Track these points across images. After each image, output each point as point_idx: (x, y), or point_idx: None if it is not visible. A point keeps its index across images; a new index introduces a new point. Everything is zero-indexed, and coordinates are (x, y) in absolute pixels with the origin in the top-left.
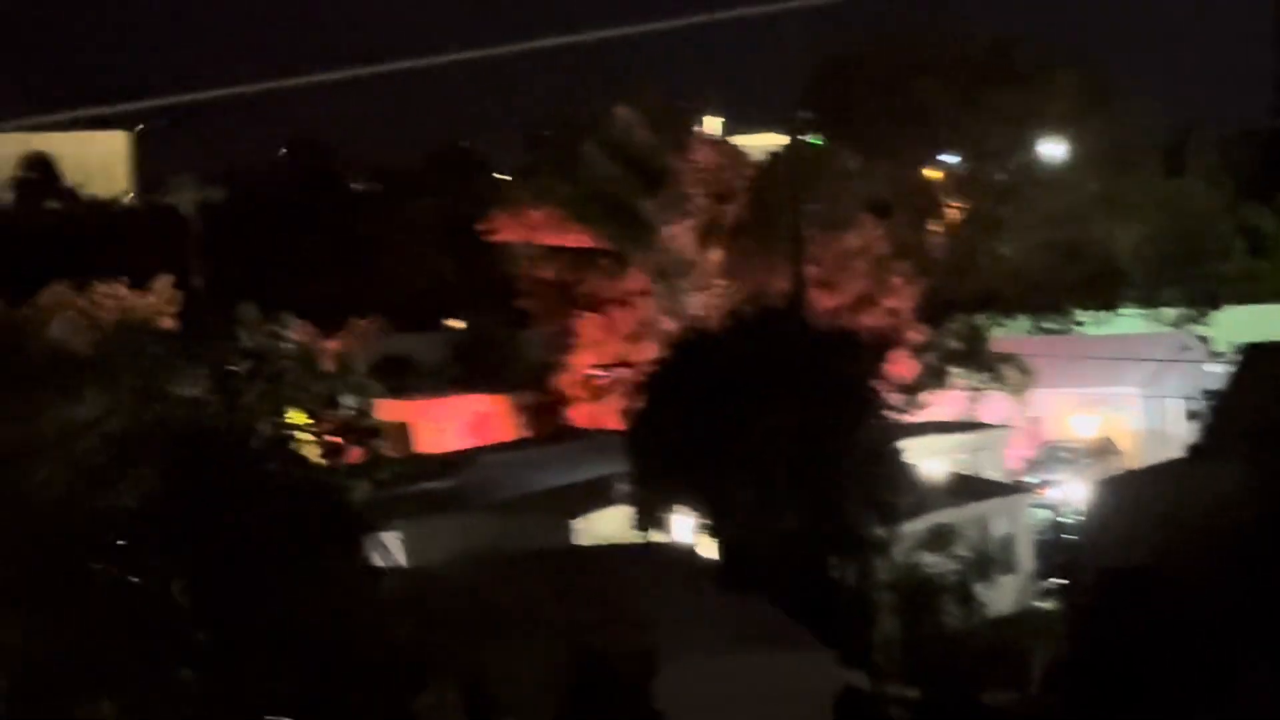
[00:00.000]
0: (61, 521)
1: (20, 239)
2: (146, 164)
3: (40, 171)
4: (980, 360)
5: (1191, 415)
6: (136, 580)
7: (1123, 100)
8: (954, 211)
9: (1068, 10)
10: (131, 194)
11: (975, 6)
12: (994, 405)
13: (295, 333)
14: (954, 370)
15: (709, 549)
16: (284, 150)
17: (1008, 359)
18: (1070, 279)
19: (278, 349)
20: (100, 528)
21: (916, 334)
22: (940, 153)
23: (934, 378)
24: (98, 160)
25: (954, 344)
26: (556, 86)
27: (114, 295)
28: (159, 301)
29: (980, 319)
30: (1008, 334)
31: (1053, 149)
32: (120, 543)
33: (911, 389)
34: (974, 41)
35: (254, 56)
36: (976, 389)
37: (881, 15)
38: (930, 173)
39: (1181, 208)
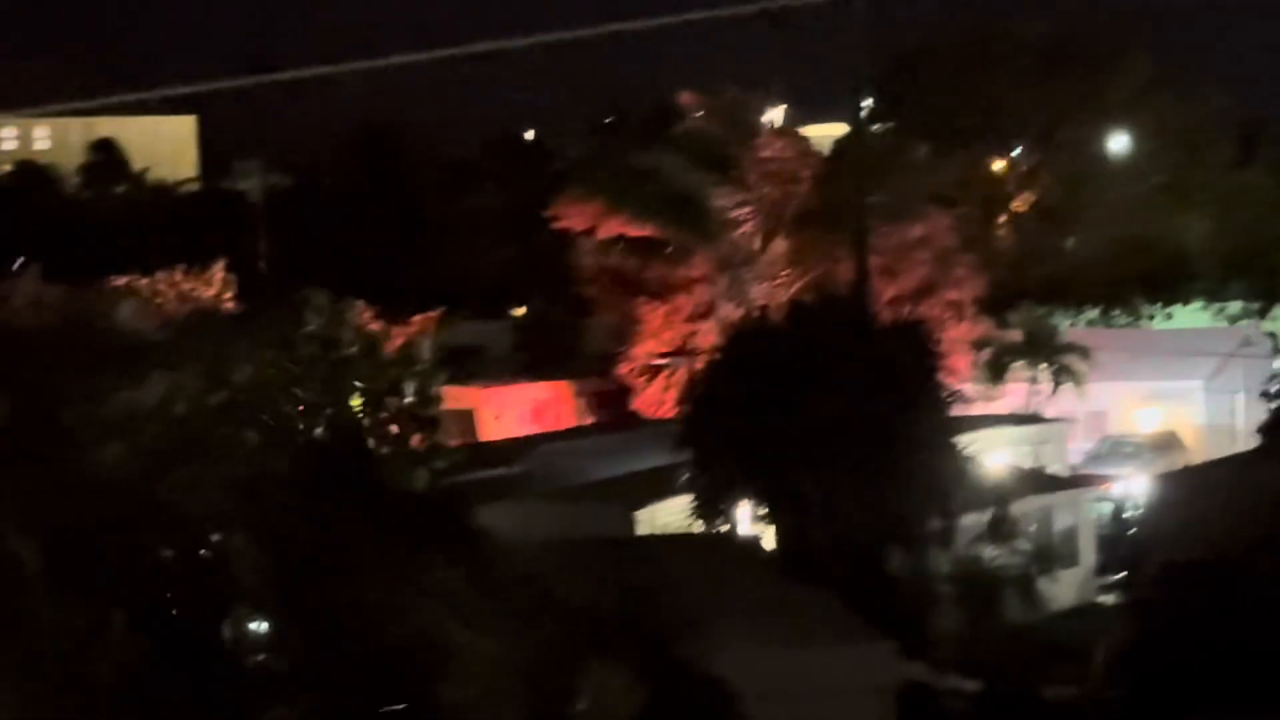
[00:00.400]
0: (128, 505)
1: (88, 224)
2: (213, 149)
3: (107, 156)
4: (1042, 353)
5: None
6: (204, 563)
7: (1194, 89)
8: (1020, 203)
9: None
10: (198, 179)
11: None
12: (1057, 399)
13: (361, 319)
14: (1017, 363)
15: (770, 540)
16: (348, 137)
17: (1070, 351)
18: (1136, 272)
19: (343, 335)
20: (167, 512)
21: (980, 326)
22: (1007, 144)
23: (997, 370)
24: (166, 145)
25: (1017, 336)
26: (619, 74)
27: (181, 280)
28: (225, 287)
29: (1044, 311)
30: (1072, 327)
31: (1121, 140)
32: (188, 527)
33: (974, 381)
34: (1044, 31)
35: (318, 41)
36: (1039, 382)
37: (951, 5)
38: (997, 163)
39: (1249, 200)
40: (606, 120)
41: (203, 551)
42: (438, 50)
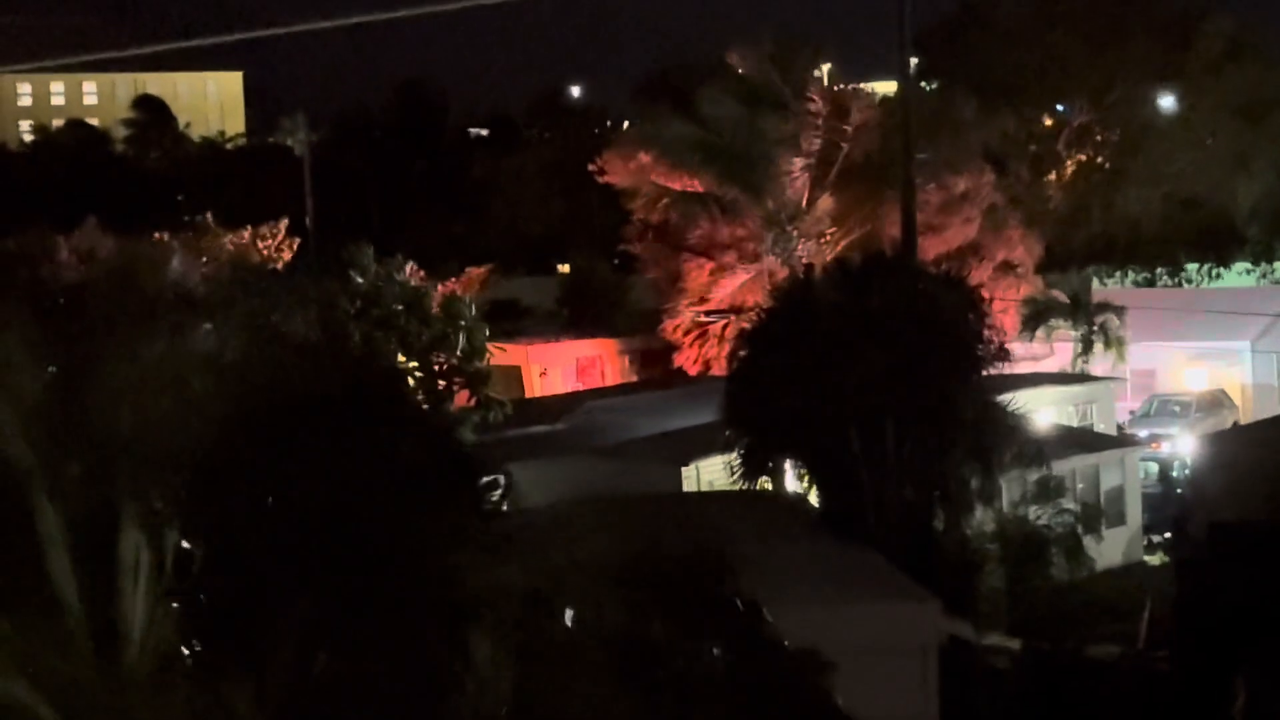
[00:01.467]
0: (175, 455)
1: (137, 178)
2: (259, 104)
3: (152, 112)
4: (1086, 312)
5: None
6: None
7: (1259, 52)
8: (1073, 162)
9: None
10: (246, 135)
11: None
12: (1105, 358)
13: (407, 274)
14: (1063, 323)
15: (814, 498)
16: (393, 93)
17: (1113, 310)
18: (1187, 233)
19: (389, 290)
20: (214, 463)
21: (1029, 284)
22: (1062, 103)
23: (1045, 329)
24: (213, 100)
25: (1064, 296)
26: (669, 29)
27: (228, 234)
28: (272, 241)
29: (1091, 271)
30: (1121, 287)
31: (1178, 101)
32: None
33: (1022, 340)
34: None
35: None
36: (1087, 341)
37: None
38: (1051, 122)
39: None
40: (655, 74)
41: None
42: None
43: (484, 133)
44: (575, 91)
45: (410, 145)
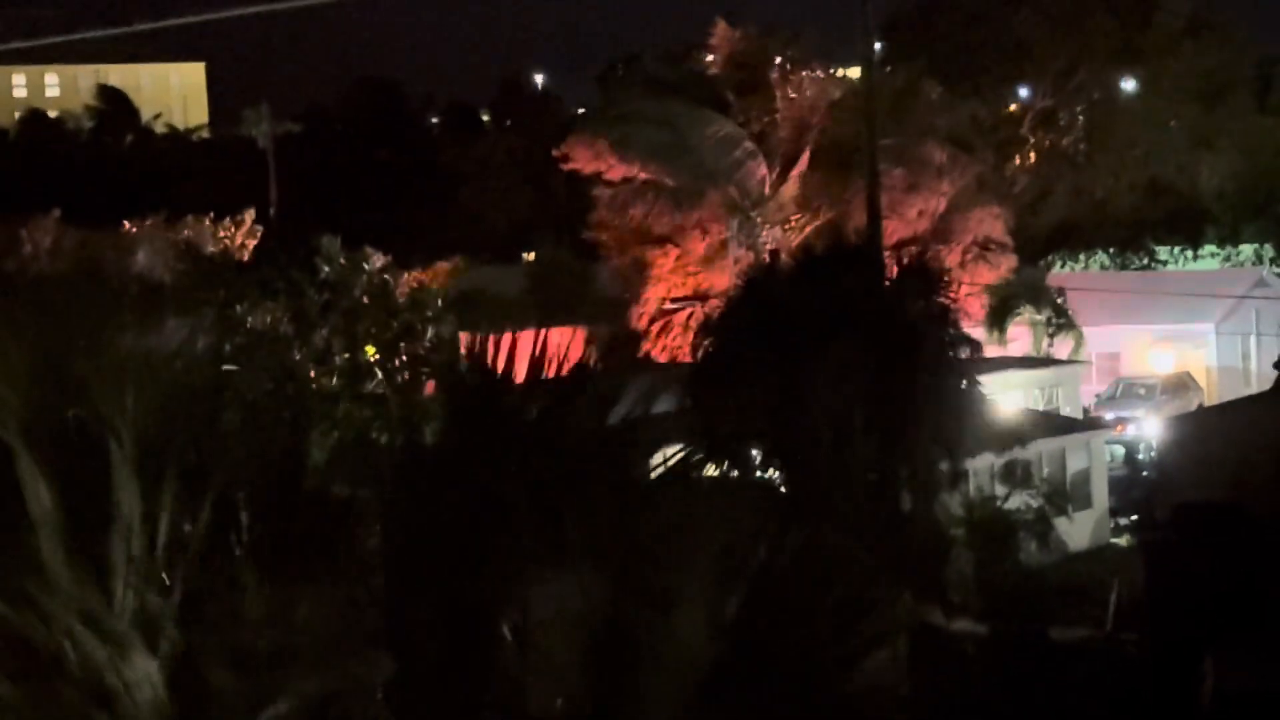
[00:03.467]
0: (144, 449)
1: (100, 170)
2: (221, 95)
3: (113, 103)
4: (1046, 296)
5: None
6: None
7: (1218, 33)
8: (1038, 145)
9: None
10: (209, 125)
11: None
12: (1069, 341)
13: (374, 265)
14: (1027, 307)
15: (780, 484)
16: (356, 82)
17: (1061, 294)
18: (1152, 215)
19: (356, 281)
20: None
21: (994, 268)
22: (1027, 86)
23: (1009, 313)
24: (176, 92)
25: (1027, 279)
26: (632, 15)
27: (193, 226)
28: (237, 233)
29: (1057, 255)
30: (1085, 269)
31: (1140, 83)
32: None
33: (987, 324)
34: None
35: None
36: (1051, 324)
37: None
38: (1015, 106)
39: (1263, 141)
40: (615, 63)
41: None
42: None
43: (446, 121)
44: (539, 80)
45: (373, 135)
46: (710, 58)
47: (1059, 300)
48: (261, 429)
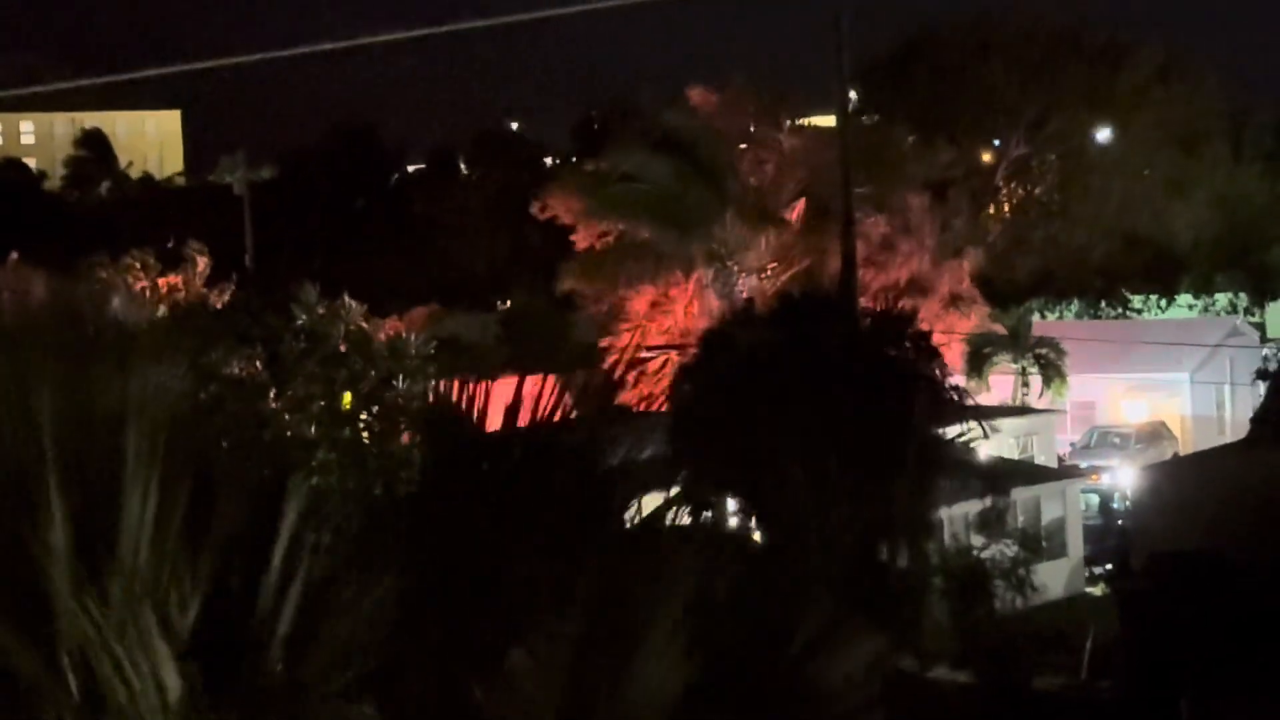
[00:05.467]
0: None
1: (76, 217)
2: (197, 142)
3: (95, 150)
4: (1024, 345)
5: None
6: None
7: (1189, 84)
8: (1013, 195)
9: None
10: (185, 173)
11: None
12: (1047, 390)
13: (353, 313)
14: (1003, 356)
15: (757, 533)
16: (332, 129)
17: (1049, 344)
18: (1126, 264)
19: (334, 330)
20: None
21: (970, 317)
22: (1001, 135)
23: (985, 362)
24: (152, 139)
25: (1003, 329)
26: (605, 65)
27: (166, 272)
28: (205, 279)
29: (1032, 304)
30: (1061, 319)
31: (1117, 133)
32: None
33: (963, 373)
34: (1043, 23)
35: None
36: (1026, 373)
37: None
38: (990, 156)
39: (1237, 191)
40: (592, 113)
41: None
42: (419, 30)
43: (422, 169)
44: (515, 126)
45: (350, 183)
46: (686, 109)
47: (1041, 350)
48: (239, 475)
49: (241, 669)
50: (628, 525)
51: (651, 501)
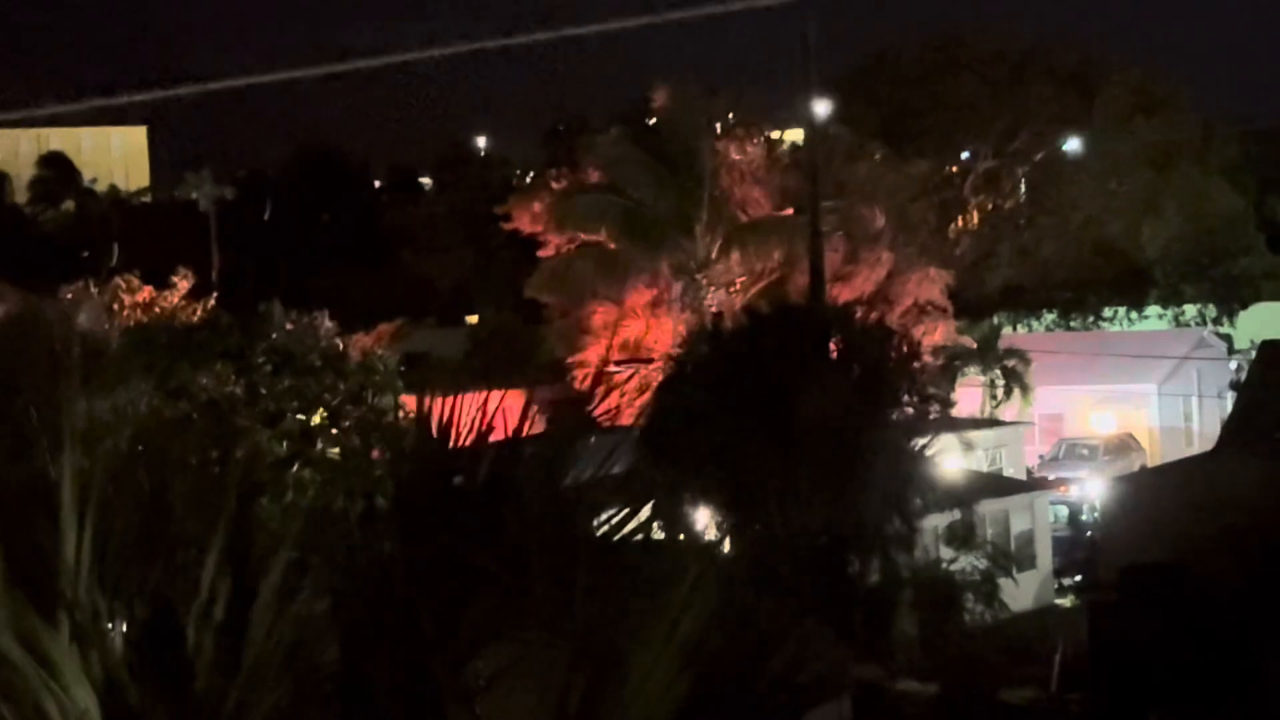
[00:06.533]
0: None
1: (42, 235)
2: (163, 159)
3: (58, 169)
4: (993, 357)
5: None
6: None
7: (1166, 103)
8: (982, 208)
9: (1097, 10)
10: (151, 190)
11: (1013, 5)
12: (1013, 403)
13: (325, 330)
14: (972, 368)
15: (727, 545)
16: (299, 145)
17: (1017, 355)
18: (1095, 276)
19: (305, 347)
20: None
21: (939, 330)
22: (972, 149)
23: (954, 375)
24: (118, 155)
25: (972, 341)
26: (573, 81)
27: (136, 290)
28: (182, 296)
29: (1003, 317)
30: (1030, 331)
31: (1084, 146)
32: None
33: (933, 385)
34: (1014, 40)
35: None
36: (994, 386)
37: (925, 11)
38: (960, 169)
39: (1205, 206)
40: (559, 126)
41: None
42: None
43: (388, 185)
44: (481, 143)
45: (316, 199)
46: (654, 121)
47: (1010, 363)
48: (210, 495)
49: (188, 692)
50: (606, 540)
51: (626, 516)
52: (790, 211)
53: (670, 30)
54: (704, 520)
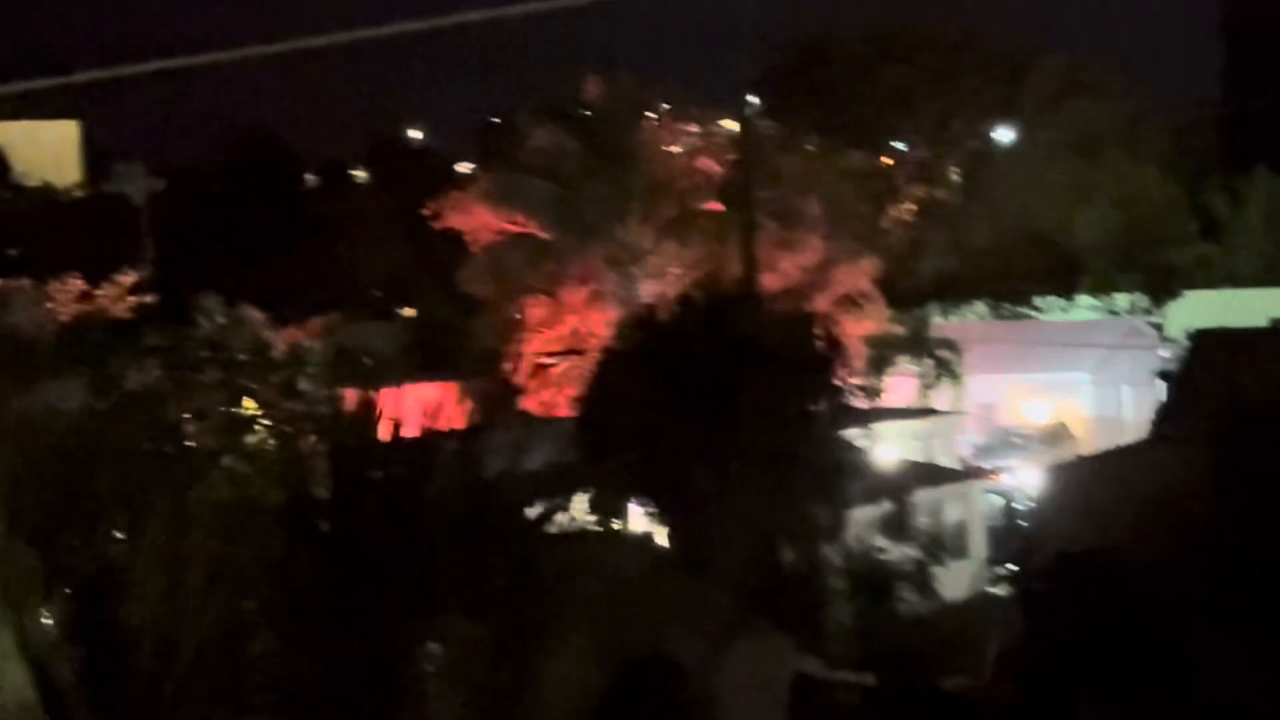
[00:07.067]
0: (22, 511)
1: None
2: (94, 153)
3: None
4: (924, 347)
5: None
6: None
7: (1093, 89)
8: (915, 198)
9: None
10: (82, 183)
11: None
12: (946, 392)
13: (253, 323)
14: (903, 357)
15: (663, 536)
16: (231, 137)
17: (948, 345)
18: (1028, 265)
19: (234, 339)
20: (65, 517)
21: (871, 320)
22: (904, 139)
23: (886, 364)
24: (48, 149)
25: (903, 330)
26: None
27: (68, 285)
28: (113, 291)
29: (932, 305)
30: (963, 320)
31: (1016, 135)
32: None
33: (865, 375)
34: (945, 28)
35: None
36: (926, 375)
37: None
38: (892, 159)
39: (1137, 194)
40: (493, 118)
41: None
42: (309, 39)
43: (323, 178)
44: (417, 135)
45: (249, 192)
46: (588, 112)
47: (941, 353)
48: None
49: (113, 676)
50: (535, 529)
51: (559, 506)
52: (711, 205)
53: (609, 20)
54: (638, 511)
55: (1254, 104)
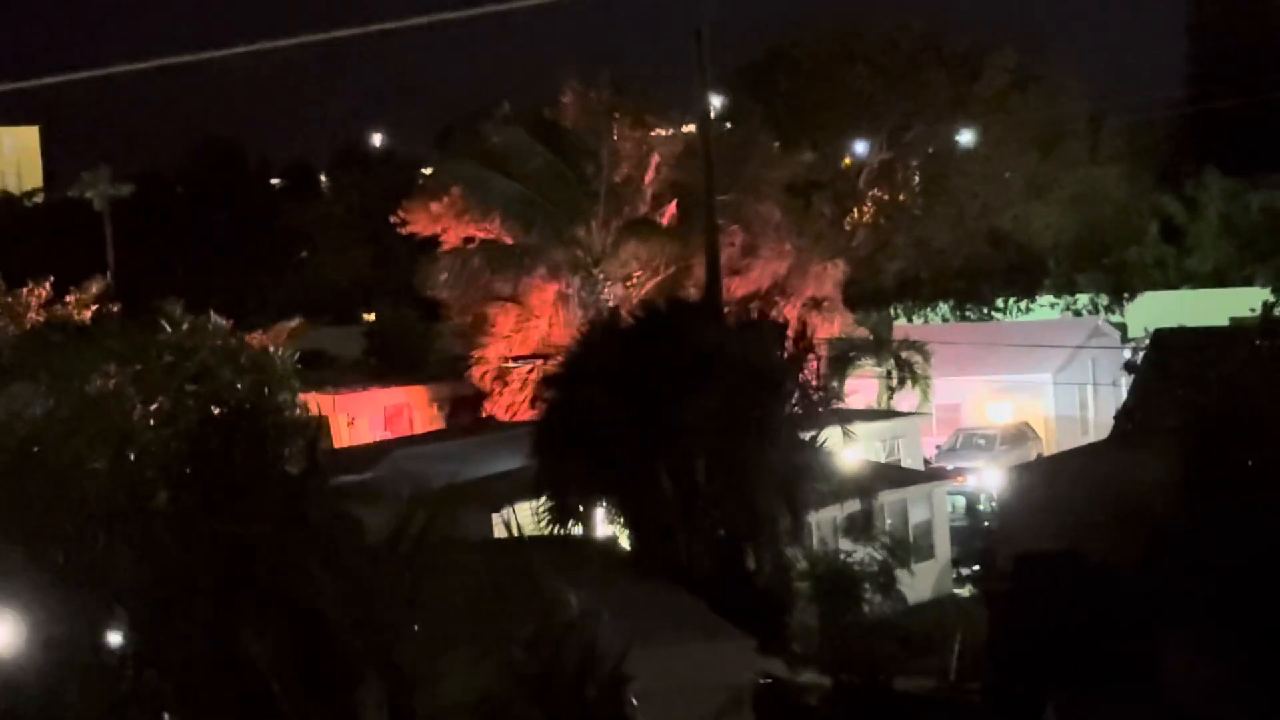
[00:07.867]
0: None
1: None
2: (56, 159)
3: None
4: (886, 349)
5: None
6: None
7: (1048, 87)
8: (876, 199)
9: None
10: (44, 190)
11: None
12: (910, 394)
13: (218, 328)
14: (867, 360)
15: (625, 540)
16: (193, 143)
17: (913, 347)
18: (990, 267)
19: (199, 344)
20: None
21: (833, 322)
22: (864, 139)
23: (848, 366)
24: (9, 157)
25: (865, 332)
26: (473, 77)
27: (31, 292)
28: (78, 297)
29: (897, 307)
30: (925, 322)
31: (977, 137)
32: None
33: (827, 377)
34: (905, 29)
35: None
36: (889, 377)
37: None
38: (853, 160)
39: (1097, 195)
40: (455, 123)
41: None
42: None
43: (285, 183)
44: (378, 140)
45: (212, 197)
46: (555, 113)
47: (904, 354)
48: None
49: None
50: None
51: (521, 510)
52: (674, 209)
53: (573, 23)
54: (601, 515)
55: (1212, 105)
